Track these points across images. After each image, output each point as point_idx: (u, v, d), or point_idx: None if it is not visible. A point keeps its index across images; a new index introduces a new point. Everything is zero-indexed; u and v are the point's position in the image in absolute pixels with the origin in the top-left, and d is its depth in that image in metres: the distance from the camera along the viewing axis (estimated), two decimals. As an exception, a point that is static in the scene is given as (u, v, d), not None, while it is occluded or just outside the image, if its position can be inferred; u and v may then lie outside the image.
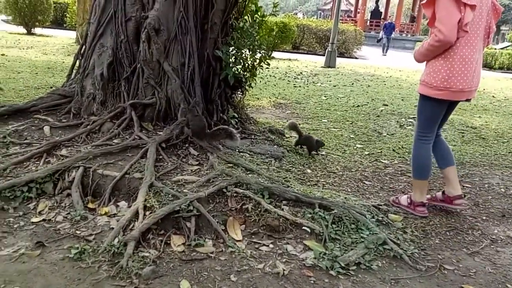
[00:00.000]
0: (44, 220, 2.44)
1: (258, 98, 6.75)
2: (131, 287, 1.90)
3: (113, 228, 2.36)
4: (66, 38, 14.51)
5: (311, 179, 3.28)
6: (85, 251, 2.11)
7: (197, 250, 2.23)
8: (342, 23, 23.05)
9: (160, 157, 3.07)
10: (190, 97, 3.63)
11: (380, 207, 2.93)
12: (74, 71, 4.25)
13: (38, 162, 2.93)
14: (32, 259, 2.05)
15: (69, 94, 3.98)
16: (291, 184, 2.93)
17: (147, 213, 2.41)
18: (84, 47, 4.06)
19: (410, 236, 2.62)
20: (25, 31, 15.56)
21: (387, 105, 7.11)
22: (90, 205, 2.64)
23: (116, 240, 2.17)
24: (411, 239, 2.59)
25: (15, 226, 2.35)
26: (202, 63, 3.74)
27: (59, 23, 19.03)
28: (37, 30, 15.96)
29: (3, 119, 3.64)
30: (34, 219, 2.43)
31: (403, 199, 3.05)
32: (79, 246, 2.15)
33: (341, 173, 3.55)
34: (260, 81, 4.30)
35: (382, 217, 2.75)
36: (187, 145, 3.34)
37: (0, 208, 2.48)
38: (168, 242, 2.27)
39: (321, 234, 2.41)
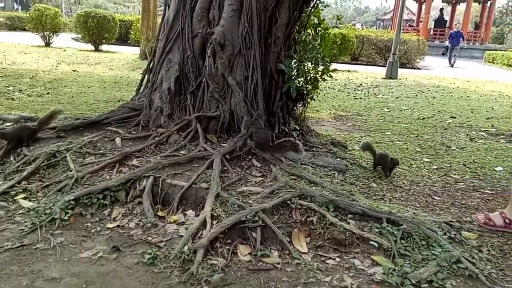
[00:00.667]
0: (118, 226, 2.62)
1: (317, 110, 6.77)
2: (201, 293, 1.99)
3: (182, 235, 2.48)
4: (130, 54, 15.46)
5: (376, 193, 3.24)
6: (157, 257, 2.25)
7: (263, 261, 2.29)
8: (404, 32, 22.49)
9: (225, 168, 3.19)
10: (253, 109, 3.74)
11: (452, 224, 2.82)
12: (142, 85, 4.54)
13: (111, 172, 3.16)
14: (109, 262, 2.22)
15: (138, 107, 4.25)
16: (356, 198, 2.92)
17: (214, 222, 2.52)
18: (152, 62, 4.34)
19: (487, 255, 2.50)
20: (93, 48, 16.78)
21: (455, 118, 6.83)
22: (160, 213, 2.80)
23: (186, 247, 2.29)
24: (488, 259, 2.47)
25: (93, 231, 2.55)
26: (265, 77, 3.85)
27: (123, 39, 20.30)
28: (104, 47, 17.15)
29: (79, 131, 3.97)
30: (109, 225, 2.62)
31: (498, 220, 2.85)
32: (151, 251, 2.28)
33: (408, 187, 3.47)
34: (319, 93, 4.32)
35: (454, 234, 2.65)
36: (250, 156, 3.44)
37: (79, 214, 2.69)
38: (235, 251, 2.35)
39: (390, 249, 2.38)
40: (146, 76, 4.45)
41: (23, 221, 2.55)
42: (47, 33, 16.90)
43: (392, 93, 9.51)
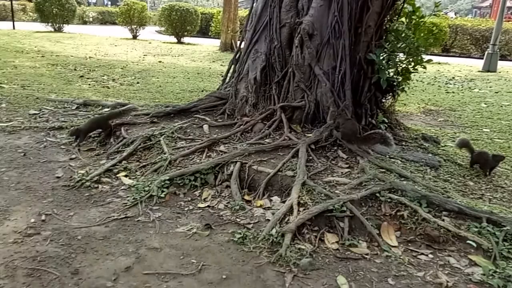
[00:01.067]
0: (208, 206, 2.83)
1: (405, 104, 6.57)
2: (290, 274, 2.10)
3: (268, 219, 2.62)
4: (210, 46, 16.07)
5: (474, 192, 3.11)
6: (246, 237, 2.40)
7: (351, 250, 2.34)
8: (506, 21, 20.75)
9: (310, 158, 3.27)
10: (339, 100, 3.77)
11: (562, 229, 2.64)
12: (228, 75, 4.76)
13: (201, 156, 3.39)
14: (202, 238, 2.41)
15: (224, 96, 4.48)
16: (451, 195, 2.84)
17: (301, 209, 2.61)
18: (239, 53, 4.53)
19: None
20: (175, 40, 17.68)
21: None
22: (246, 197, 2.96)
23: (274, 230, 2.41)
24: None
25: (186, 209, 2.78)
26: (353, 67, 3.85)
27: (203, 32, 21.11)
28: (186, 39, 17.99)
29: (170, 117, 4.28)
30: (200, 205, 2.84)
31: None
32: (241, 232, 2.44)
33: (511, 188, 3.28)
34: (407, 86, 4.21)
35: None
36: (335, 147, 3.49)
37: (173, 193, 2.94)
38: (322, 238, 2.43)
39: (490, 250, 2.30)
40: (232, 67, 4.66)
41: (125, 196, 2.86)
42: (135, 26, 18.13)
43: (490, 87, 8.89)
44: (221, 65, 11.19)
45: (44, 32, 17.12)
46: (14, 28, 17.12)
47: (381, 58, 3.85)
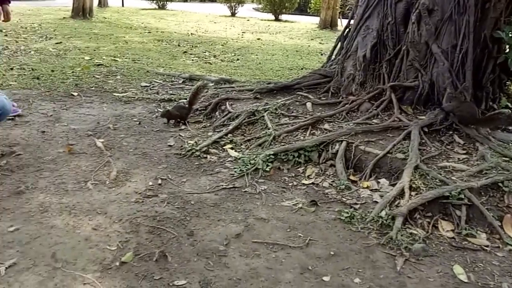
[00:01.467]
0: (313, 183, 2.88)
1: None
2: (402, 258, 2.08)
3: (376, 201, 2.60)
4: (308, 23, 15.93)
5: None
6: (354, 217, 2.41)
7: (468, 240, 2.24)
8: None
9: (423, 141, 3.15)
10: (458, 81, 3.55)
11: None
12: (334, 53, 4.72)
13: (305, 133, 3.44)
14: (308, 214, 2.48)
15: (329, 74, 4.45)
16: None
17: (413, 193, 2.55)
18: (348, 29, 4.45)
19: None
20: (273, 17, 17.79)
21: None
22: (352, 177, 2.96)
23: (384, 212, 2.39)
24: None
25: (290, 184, 2.86)
26: (476, 45, 3.59)
27: (301, 9, 20.94)
28: (283, 17, 18.01)
29: (273, 94, 4.38)
30: (304, 181, 2.90)
31: None
32: (348, 211, 2.46)
33: None
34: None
35: None
36: (451, 132, 3.31)
37: (277, 168, 3.04)
38: (436, 225, 2.36)
39: None
40: (339, 44, 4.60)
41: (232, 167, 3.02)
42: (234, 3, 18.57)
43: None
44: (320, 43, 11.08)
45: (149, 9, 18.28)
46: (123, 5, 18.50)
47: (511, 36, 3.53)
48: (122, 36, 9.36)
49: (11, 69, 5.47)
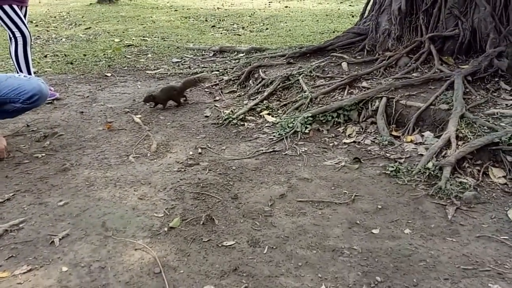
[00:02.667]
0: (354, 142, 2.84)
1: None
2: (452, 207, 2.03)
3: (421, 154, 2.54)
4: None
5: None
6: (399, 170, 2.37)
7: (522, 185, 2.17)
8: None
9: (467, 90, 3.03)
10: (501, 25, 3.37)
11: None
12: (367, 10, 4.56)
13: (342, 93, 3.38)
14: (352, 171, 2.46)
15: (363, 32, 4.32)
16: None
17: (460, 143, 2.47)
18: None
19: None
20: (299, -16, 17.37)
21: None
22: (394, 133, 2.90)
23: (430, 164, 2.34)
24: None
25: (330, 144, 2.84)
26: (522, -17, 3.38)
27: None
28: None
29: (306, 57, 4.31)
30: (345, 140, 2.87)
31: None
32: (393, 165, 2.42)
33: None
34: None
35: None
36: (497, 79, 3.17)
37: (316, 129, 3.01)
38: (486, 173, 2.29)
39: None
40: (371, 0, 4.45)
41: (271, 132, 3.02)
42: (257, -27, 18.26)
43: None
44: (350, 5, 10.77)
45: (173, -12, 18.24)
46: (146, -13, 18.55)
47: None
48: (149, 17, 9.42)
49: (45, 56, 5.63)
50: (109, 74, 4.70)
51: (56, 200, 2.24)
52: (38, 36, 7.08)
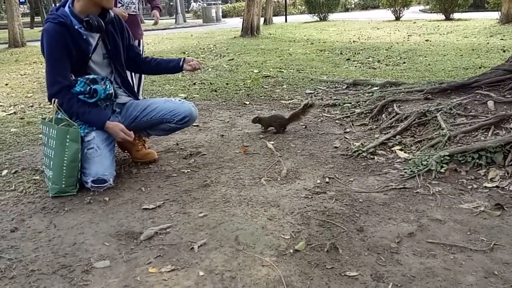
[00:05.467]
0: (497, 187, 2.63)
1: None
2: None
3: None
4: (486, 20, 14.49)
5: None
6: (550, 223, 2.14)
7: None
8: None
9: None
10: None
11: None
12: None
13: (486, 133, 3.16)
14: (492, 218, 2.28)
15: (515, 69, 4.00)
16: None
17: None
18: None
19: None
20: (443, 17, 16.66)
21: None
22: (547, 182, 2.61)
23: None
24: None
25: (469, 187, 2.66)
26: None
27: (477, 5, 19.15)
28: (455, 15, 16.71)
29: (446, 93, 4.13)
30: (486, 184, 2.66)
31: None
32: (542, 216, 2.19)
33: None
34: None
35: None
36: None
37: (453, 169, 2.86)
38: None
39: None
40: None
41: (402, 169, 2.95)
42: (398, 7, 17.99)
43: None
44: (502, 39, 9.97)
45: (311, 22, 18.94)
46: (286, 21, 19.57)
47: None
48: (286, 49, 9.92)
49: (194, 84, 6.30)
50: (247, 102, 5.07)
51: (197, 211, 2.50)
52: (189, 65, 7.94)
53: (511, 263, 1.90)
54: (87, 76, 2.84)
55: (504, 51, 7.88)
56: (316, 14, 20.46)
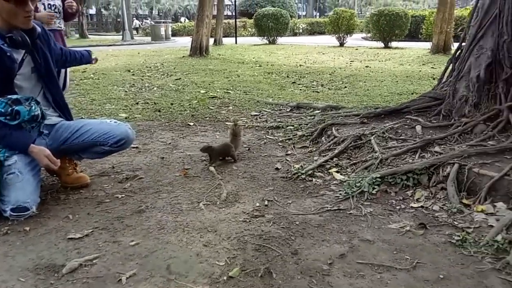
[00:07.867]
0: (422, 207, 2.79)
1: None
2: (521, 285, 1.92)
3: (491, 225, 2.44)
4: (419, 49, 15.39)
5: None
6: (466, 240, 2.29)
7: None
8: None
9: (547, 163, 2.87)
10: None
11: None
12: (445, 75, 4.54)
13: (413, 156, 3.35)
14: (416, 237, 2.41)
15: (440, 96, 4.28)
16: None
17: (536, 218, 2.34)
18: (460, 50, 4.28)
19: None
20: (382, 45, 17.55)
21: None
22: (465, 201, 2.80)
23: (500, 237, 2.24)
24: None
25: (397, 207, 2.81)
26: None
27: (412, 35, 20.32)
28: (393, 44, 17.66)
29: (380, 118, 4.35)
30: (413, 204, 2.82)
31: None
32: (460, 234, 2.34)
33: None
34: None
35: None
36: None
37: (384, 191, 3.00)
38: None
39: None
40: (450, 65, 4.43)
41: (337, 190, 3.06)
42: (342, 34, 18.78)
43: None
44: (432, 67, 10.63)
45: (260, 44, 19.33)
46: (236, 42, 19.84)
47: None
48: (234, 71, 10.03)
49: (137, 103, 6.21)
50: (191, 123, 5.07)
51: (129, 239, 2.41)
52: (133, 84, 7.84)
53: (431, 280, 2.01)
54: (9, 96, 2.61)
55: (433, 79, 8.39)
56: (265, 37, 20.95)
